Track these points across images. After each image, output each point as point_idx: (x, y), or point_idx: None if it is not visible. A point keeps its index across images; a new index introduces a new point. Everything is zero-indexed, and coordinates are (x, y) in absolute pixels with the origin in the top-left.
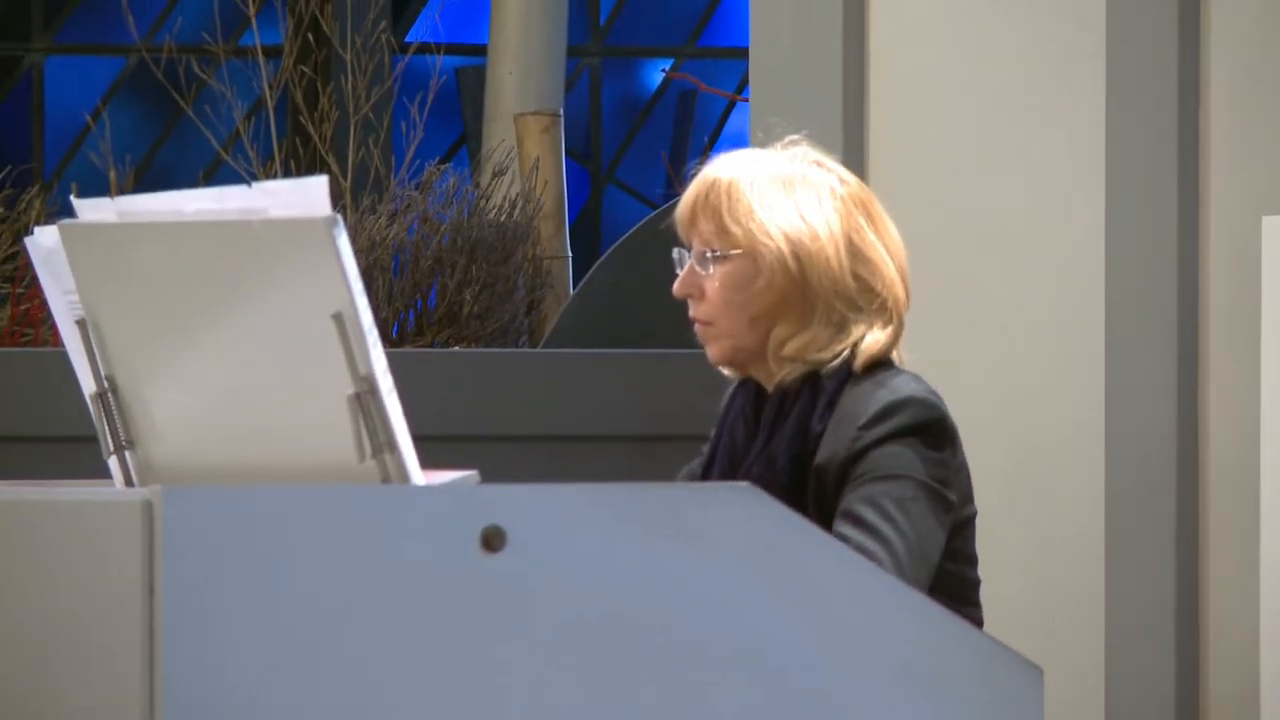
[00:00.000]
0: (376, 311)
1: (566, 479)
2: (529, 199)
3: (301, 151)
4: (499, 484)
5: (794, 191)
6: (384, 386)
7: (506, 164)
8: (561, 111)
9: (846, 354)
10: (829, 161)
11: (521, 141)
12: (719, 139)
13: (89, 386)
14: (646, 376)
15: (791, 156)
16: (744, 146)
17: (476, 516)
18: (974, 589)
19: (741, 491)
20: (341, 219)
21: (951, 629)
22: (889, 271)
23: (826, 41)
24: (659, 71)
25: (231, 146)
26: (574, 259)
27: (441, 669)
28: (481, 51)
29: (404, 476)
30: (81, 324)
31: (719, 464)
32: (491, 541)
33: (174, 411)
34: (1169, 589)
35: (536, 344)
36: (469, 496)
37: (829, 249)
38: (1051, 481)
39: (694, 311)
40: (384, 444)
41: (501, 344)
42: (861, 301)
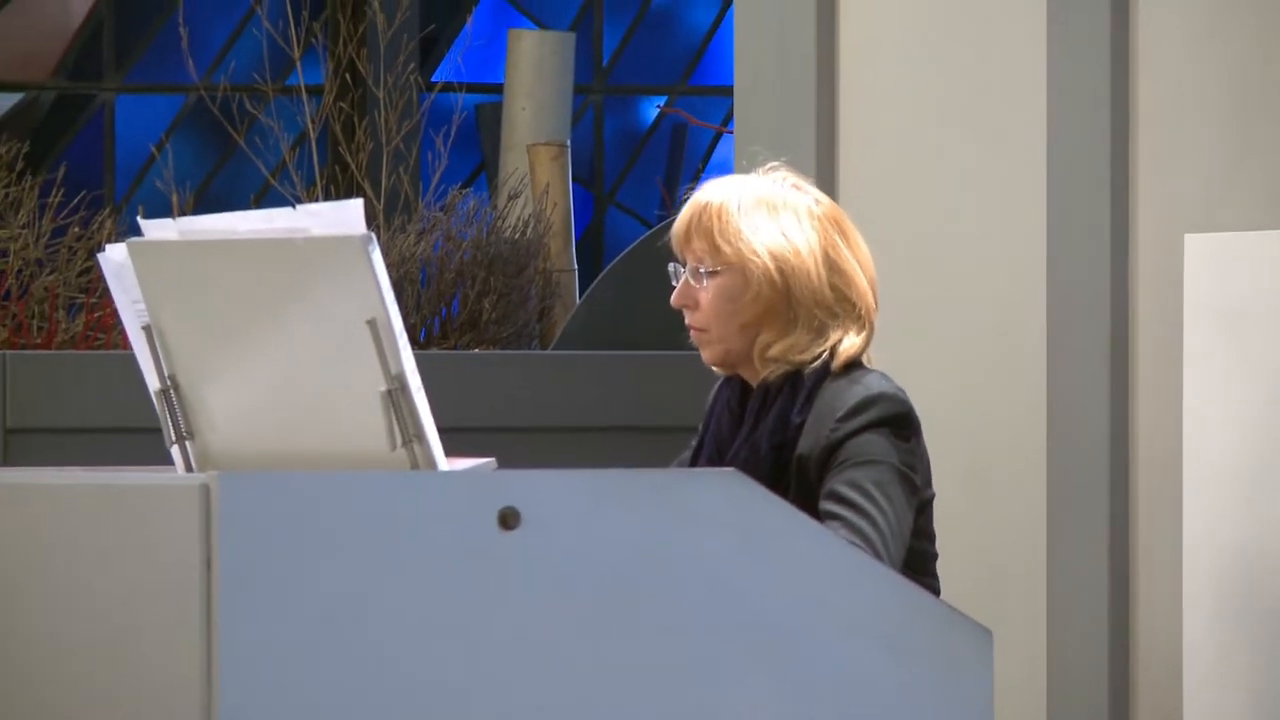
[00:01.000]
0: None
1: (573, 465)
2: (540, 219)
3: (340, 178)
4: (514, 469)
5: (777, 213)
6: (413, 384)
7: (520, 188)
8: (569, 142)
9: (825, 355)
10: (805, 184)
11: (533, 169)
12: (707, 166)
13: (154, 384)
14: (643, 375)
15: (773, 181)
16: (729, 173)
17: (494, 498)
18: (932, 562)
19: (727, 476)
20: (375, 237)
21: (912, 596)
22: (861, 282)
23: (802, 80)
24: (654, 107)
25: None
26: (580, 272)
27: (464, 631)
28: (498, 90)
29: (430, 463)
30: (147, 329)
31: (707, 451)
32: (508, 520)
33: (228, 406)
34: (1102, 561)
35: (547, 347)
36: (487, 481)
37: (809, 263)
38: (1000, 469)
39: (689, 320)
40: (413, 435)
41: (516, 347)
42: (838, 309)
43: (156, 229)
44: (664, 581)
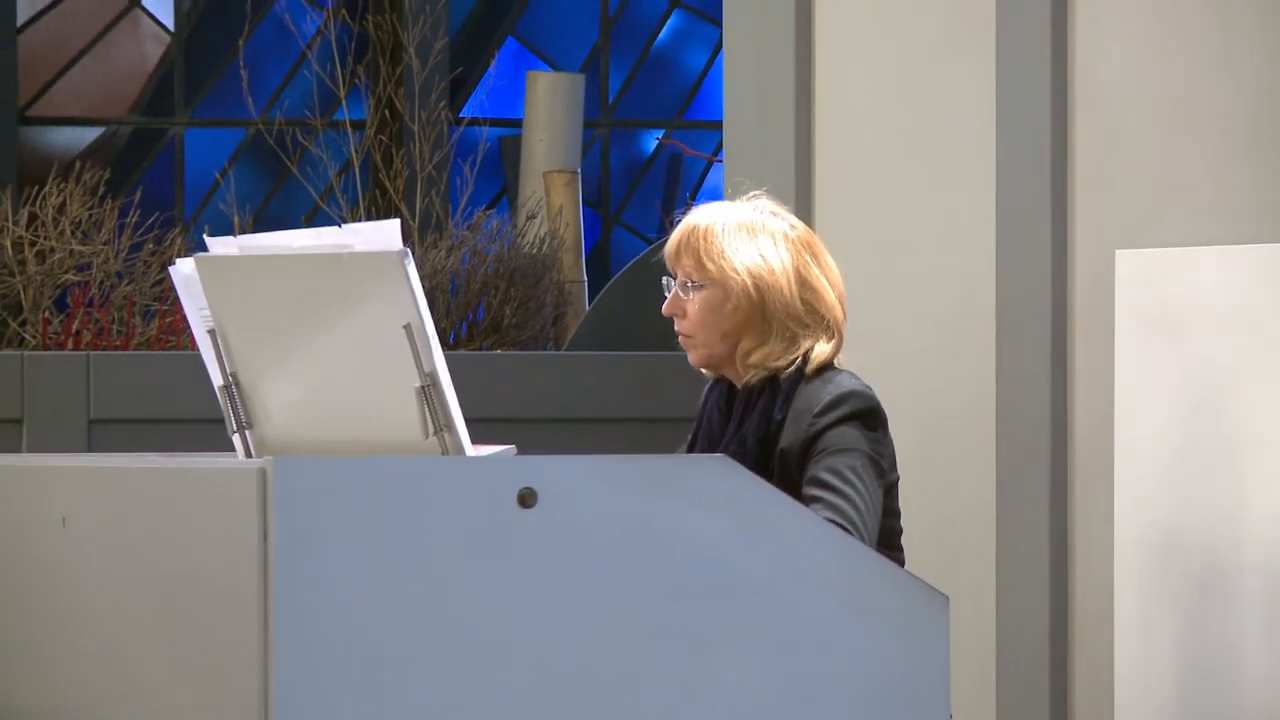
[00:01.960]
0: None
1: (583, 451)
2: (554, 237)
3: (380, 201)
4: (531, 455)
5: (755, 236)
6: (443, 381)
7: (537, 210)
8: (579, 170)
9: (799, 360)
10: (782, 211)
11: (549, 193)
12: (699, 192)
13: (217, 381)
14: (644, 373)
15: (754, 208)
16: (719, 198)
17: (514, 480)
18: (898, 536)
19: (718, 460)
20: (410, 253)
21: (879, 565)
22: (830, 297)
23: (782, 117)
24: (654, 139)
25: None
26: (588, 283)
27: (488, 595)
28: (518, 124)
29: (459, 449)
30: (211, 333)
31: (700, 444)
32: (526, 500)
33: (282, 399)
34: (1044, 535)
35: (560, 348)
36: (508, 464)
37: (782, 281)
38: (955, 453)
39: (678, 326)
40: (443, 425)
41: (533, 348)
42: (809, 321)
43: (220, 245)
44: (663, 552)
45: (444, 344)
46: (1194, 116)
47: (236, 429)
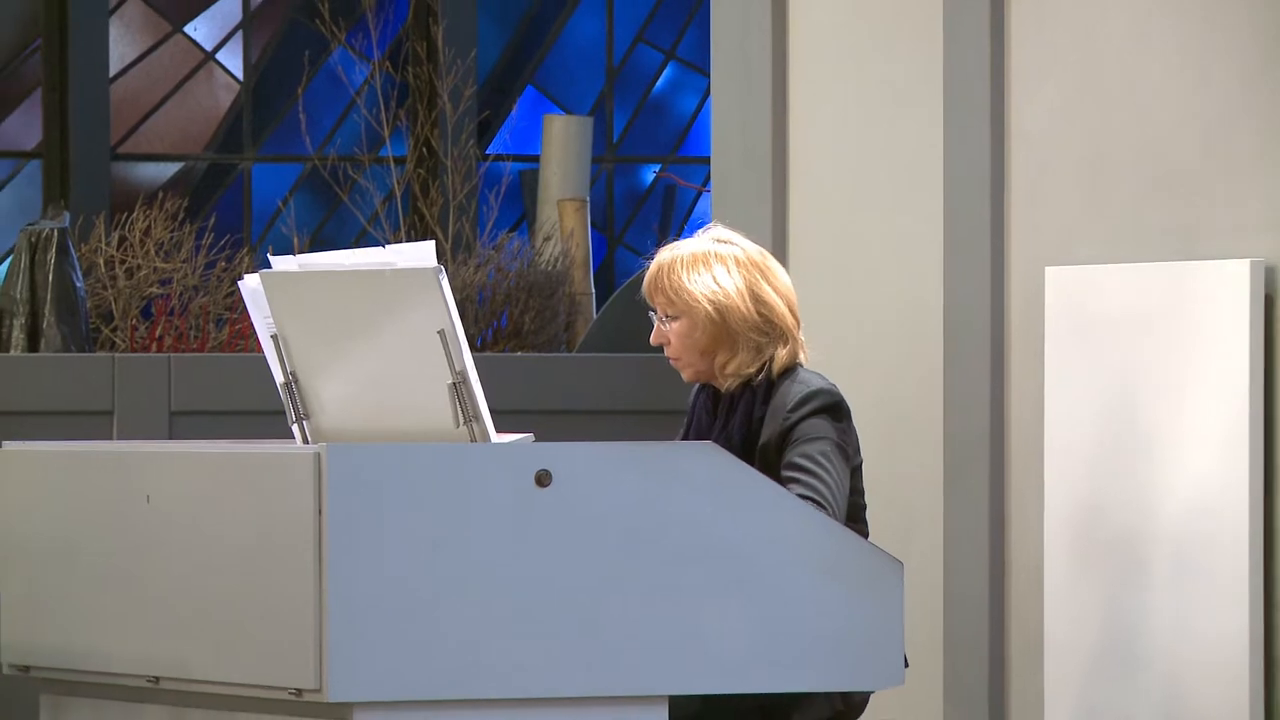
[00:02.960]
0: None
1: (592, 439)
2: (566, 256)
3: (418, 225)
4: (547, 442)
5: (710, 266)
6: (472, 378)
7: (552, 233)
8: (588, 198)
9: (767, 366)
10: (735, 237)
11: (562, 219)
12: (691, 217)
13: (279, 378)
14: (644, 372)
15: (709, 239)
16: (708, 222)
17: (532, 463)
18: (862, 511)
19: (707, 447)
20: (444, 269)
21: (843, 535)
22: (781, 308)
23: (760, 153)
24: (651, 172)
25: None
26: (596, 295)
27: (510, 561)
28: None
29: (485, 437)
30: (274, 338)
31: (690, 439)
32: (542, 479)
33: (334, 395)
34: (984, 510)
35: (572, 351)
36: (527, 450)
37: (738, 301)
38: (909, 442)
39: (666, 352)
40: (471, 416)
41: (548, 351)
42: (768, 330)
43: (281, 263)
44: (659, 524)
45: (472, 347)
46: (1110, 154)
47: (295, 420)
